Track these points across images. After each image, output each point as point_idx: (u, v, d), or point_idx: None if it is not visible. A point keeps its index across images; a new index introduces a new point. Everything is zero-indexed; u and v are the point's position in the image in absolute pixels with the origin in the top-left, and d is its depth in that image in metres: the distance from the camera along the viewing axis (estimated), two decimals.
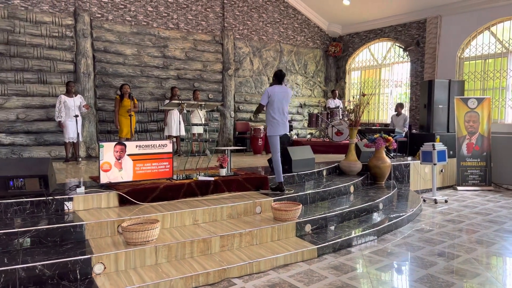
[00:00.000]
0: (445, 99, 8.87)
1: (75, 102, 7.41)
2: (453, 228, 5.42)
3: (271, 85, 5.61)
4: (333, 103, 11.01)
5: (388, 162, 7.11)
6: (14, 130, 7.85)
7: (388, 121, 10.73)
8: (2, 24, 7.70)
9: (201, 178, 5.21)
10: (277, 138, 5.49)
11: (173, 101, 5.87)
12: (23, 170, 4.18)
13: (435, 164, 7.09)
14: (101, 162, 4.65)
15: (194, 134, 9.07)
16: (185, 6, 9.89)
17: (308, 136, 12.09)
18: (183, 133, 8.72)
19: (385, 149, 7.33)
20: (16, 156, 7.79)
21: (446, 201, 7.11)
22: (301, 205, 4.72)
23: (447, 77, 9.47)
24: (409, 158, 8.44)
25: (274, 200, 5.00)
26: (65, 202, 4.21)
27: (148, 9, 9.38)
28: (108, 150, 4.68)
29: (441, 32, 9.91)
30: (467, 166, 8.40)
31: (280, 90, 5.43)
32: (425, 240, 4.86)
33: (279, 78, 5.50)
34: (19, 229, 3.52)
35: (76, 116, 7.30)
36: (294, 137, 11.76)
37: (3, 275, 3.03)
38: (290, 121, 11.00)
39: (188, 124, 7.80)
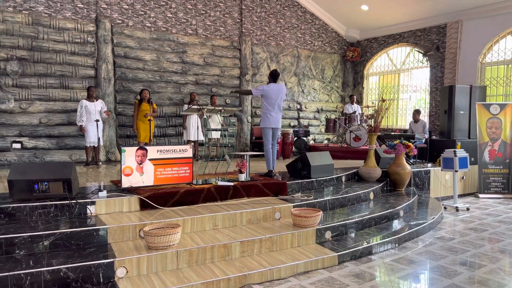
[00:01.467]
0: (466, 105, 8.73)
1: (96, 107, 7.53)
2: (476, 237, 5.31)
3: (268, 83, 6.27)
4: (351, 108, 10.94)
5: (408, 168, 7.02)
6: (36, 134, 8.02)
7: (407, 127, 10.60)
8: (27, 30, 7.89)
9: (220, 183, 5.22)
10: (270, 130, 6.17)
11: (194, 107, 5.92)
12: (48, 174, 4.26)
13: (456, 171, 6.97)
14: (123, 166, 4.71)
15: (212, 139, 9.11)
16: (203, 12, 9.98)
17: (325, 141, 12.03)
18: (201, 137, 8.78)
19: (405, 155, 7.24)
20: (39, 160, 7.95)
21: (468, 209, 6.97)
22: (321, 211, 4.69)
23: (468, 83, 9.32)
24: (429, 165, 8.31)
25: (294, 206, 4.98)
26: (87, 206, 4.26)
27: (168, 15, 9.50)
28: (130, 155, 4.73)
29: (461, 37, 9.78)
30: (489, 173, 8.23)
31: (276, 87, 6.11)
32: (448, 249, 4.77)
33: (274, 76, 6.20)
34: (44, 232, 3.58)
35: (97, 120, 7.41)
36: (311, 142, 11.72)
37: (29, 277, 3.08)
38: (307, 126, 10.98)
39: (208, 129, 7.83)
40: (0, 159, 7.70)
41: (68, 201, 4.17)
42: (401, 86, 11.68)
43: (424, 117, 10.72)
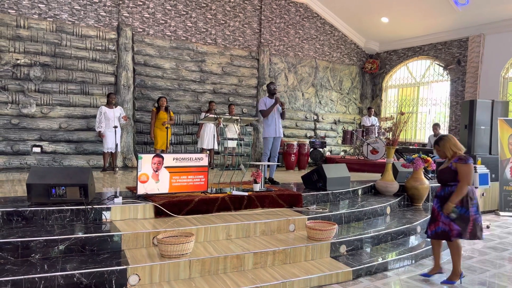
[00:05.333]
0: (487, 120, 8.54)
1: (115, 113, 7.63)
2: (496, 256, 5.15)
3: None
4: (369, 120, 10.83)
5: (426, 183, 6.88)
6: (56, 139, 8.16)
7: (426, 140, 10.44)
8: (50, 37, 8.08)
9: (235, 192, 5.20)
10: None
11: (211, 115, 5.94)
12: (65, 179, 4.30)
13: (476, 188, 6.80)
14: (139, 173, 4.73)
15: (228, 148, 9.12)
16: (223, 22, 10.07)
17: (342, 153, 11.92)
18: (216, 146, 8.80)
19: (423, 170, 7.10)
20: (57, 164, 8.08)
21: (487, 227, 6.77)
22: (336, 225, 4.62)
23: (490, 97, 9.14)
24: None
25: (309, 219, 4.92)
26: (103, 212, 4.29)
27: (188, 24, 9.61)
28: (146, 162, 4.76)
29: (484, 51, 9.62)
30: (510, 191, 8.00)
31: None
32: (466, 268, 4.63)
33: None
34: (59, 237, 3.61)
35: (115, 127, 7.50)
36: (327, 153, 11.63)
37: (43, 282, 3.10)
38: (323, 138, 10.91)
39: (224, 138, 7.86)
40: (20, 162, 7.85)
41: (84, 207, 4.20)
42: (421, 99, 11.53)
43: (444, 131, 10.54)
